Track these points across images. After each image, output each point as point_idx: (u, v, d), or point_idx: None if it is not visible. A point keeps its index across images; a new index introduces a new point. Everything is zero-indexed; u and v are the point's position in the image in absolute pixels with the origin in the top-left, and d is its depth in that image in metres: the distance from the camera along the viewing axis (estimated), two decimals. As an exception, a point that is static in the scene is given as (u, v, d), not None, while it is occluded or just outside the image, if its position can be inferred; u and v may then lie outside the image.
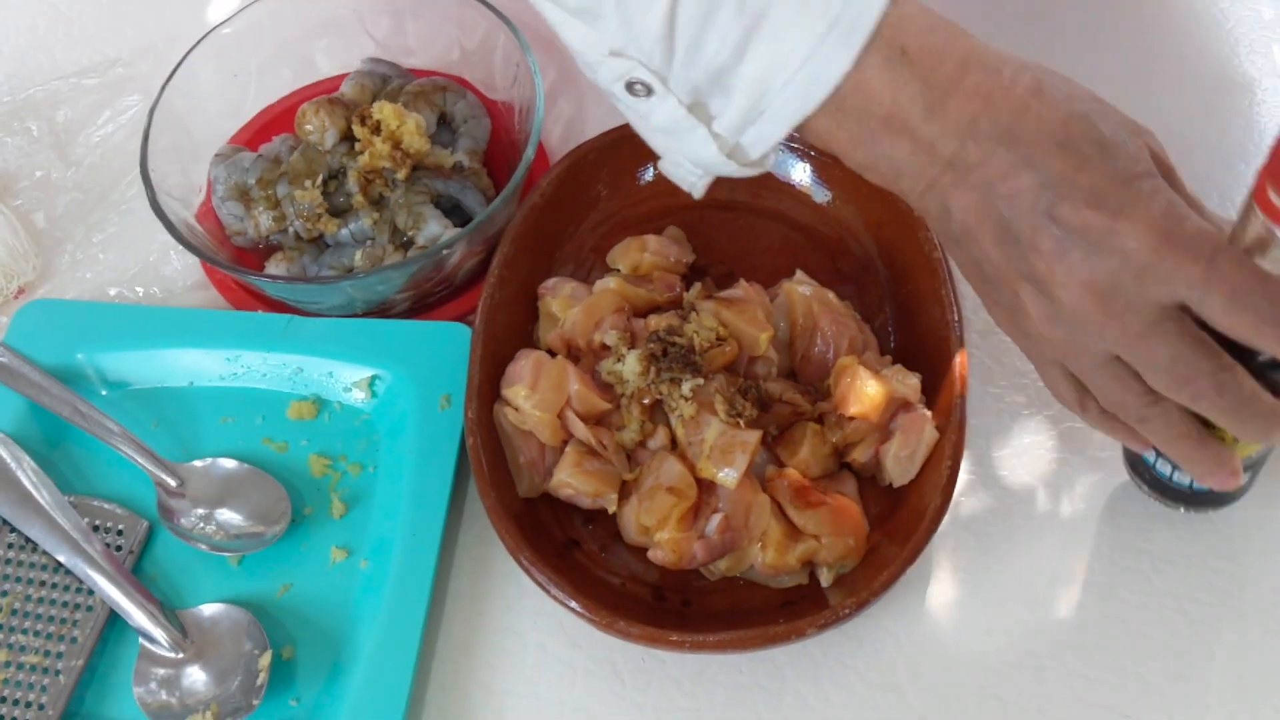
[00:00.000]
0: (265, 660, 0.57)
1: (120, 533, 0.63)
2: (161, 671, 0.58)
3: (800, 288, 0.65)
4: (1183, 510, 0.61)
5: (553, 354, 0.64)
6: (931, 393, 0.61)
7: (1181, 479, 0.58)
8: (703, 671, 0.59)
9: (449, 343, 0.66)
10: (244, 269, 0.69)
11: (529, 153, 0.67)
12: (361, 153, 0.69)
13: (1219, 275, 0.43)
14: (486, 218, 0.65)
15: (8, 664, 0.58)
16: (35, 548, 0.61)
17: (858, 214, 0.70)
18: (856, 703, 0.58)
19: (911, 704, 0.58)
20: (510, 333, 0.65)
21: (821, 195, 0.71)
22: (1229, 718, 0.57)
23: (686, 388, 0.60)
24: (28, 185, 0.77)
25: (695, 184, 0.53)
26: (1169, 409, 0.48)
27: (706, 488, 0.59)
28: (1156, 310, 0.44)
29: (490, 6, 0.73)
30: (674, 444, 0.61)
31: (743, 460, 0.58)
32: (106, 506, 0.63)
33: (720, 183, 0.59)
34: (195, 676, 0.58)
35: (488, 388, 0.62)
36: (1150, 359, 0.46)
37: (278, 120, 0.77)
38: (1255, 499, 0.62)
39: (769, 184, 0.71)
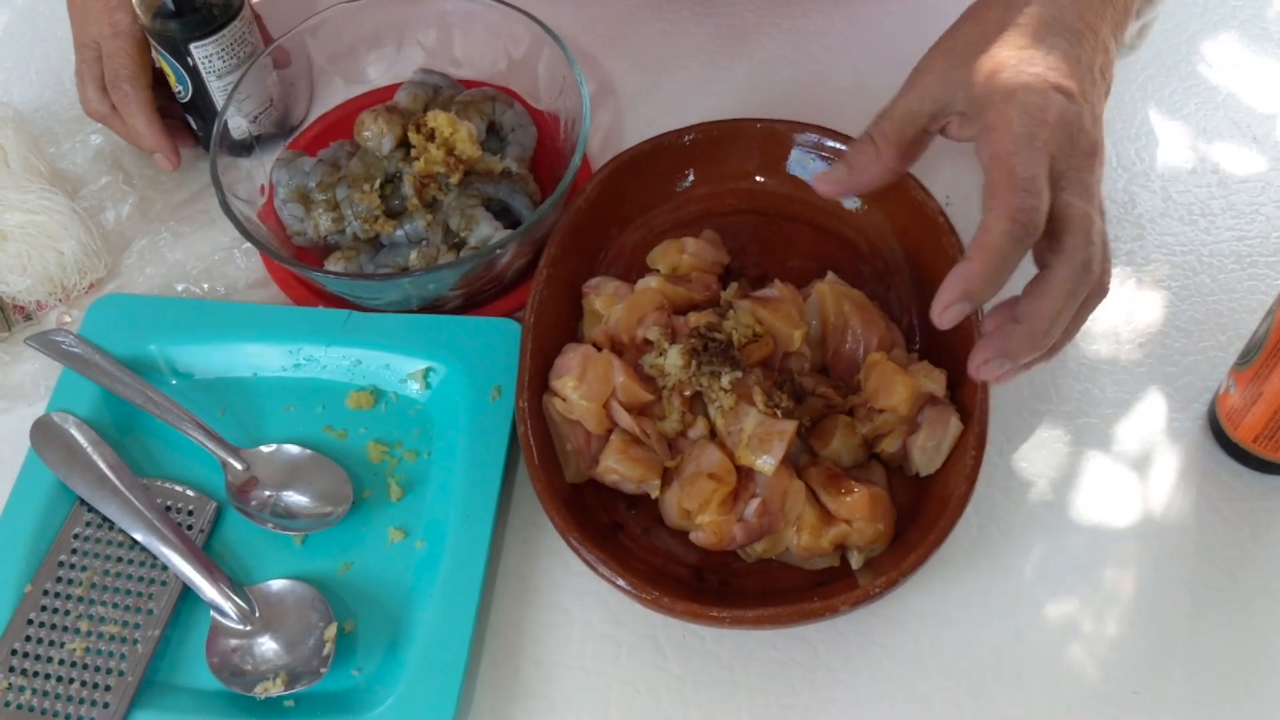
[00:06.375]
0: (331, 632, 0.61)
1: (191, 513, 0.66)
2: (232, 642, 0.61)
3: (832, 288, 0.68)
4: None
5: (597, 348, 0.67)
6: (956, 388, 0.65)
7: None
8: (740, 647, 0.63)
9: (499, 337, 0.70)
10: (309, 266, 0.73)
11: (576, 159, 0.70)
12: (417, 158, 0.73)
13: None
14: (535, 220, 0.69)
15: (89, 633, 0.62)
16: (112, 526, 0.65)
17: (885, 220, 0.73)
18: (883, 677, 0.62)
19: (934, 679, 0.62)
20: (557, 328, 0.69)
21: (851, 202, 0.74)
22: (1236, 696, 0.60)
23: (726, 380, 0.63)
24: (95, 189, 0.81)
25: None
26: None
27: (745, 474, 0.62)
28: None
29: (536, 21, 0.76)
30: (713, 433, 0.64)
31: (780, 448, 0.61)
32: (177, 489, 0.67)
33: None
34: (265, 646, 0.61)
35: (537, 379, 0.66)
36: None
37: (333, 127, 0.81)
38: (1268, 493, 0.66)
39: (801, 192, 0.75)
